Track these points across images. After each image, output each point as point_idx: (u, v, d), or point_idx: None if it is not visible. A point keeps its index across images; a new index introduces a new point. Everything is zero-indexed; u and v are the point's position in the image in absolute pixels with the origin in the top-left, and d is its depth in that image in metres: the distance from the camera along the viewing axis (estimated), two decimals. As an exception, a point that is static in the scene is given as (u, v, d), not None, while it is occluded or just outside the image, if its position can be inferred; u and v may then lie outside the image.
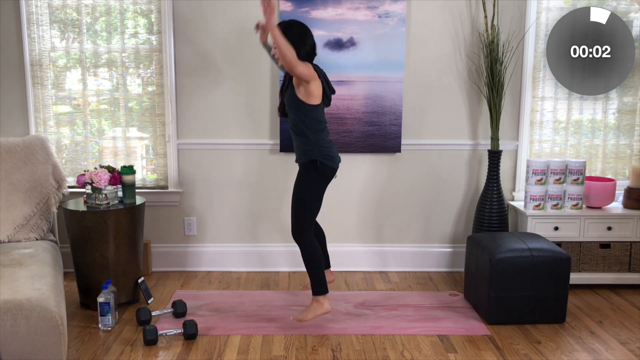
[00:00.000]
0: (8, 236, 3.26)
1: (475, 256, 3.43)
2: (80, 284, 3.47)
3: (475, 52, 3.91)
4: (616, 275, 3.75)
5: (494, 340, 3.04)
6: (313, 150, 3.09)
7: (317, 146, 3.09)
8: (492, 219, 3.81)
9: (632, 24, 3.91)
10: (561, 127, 4.06)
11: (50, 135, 3.95)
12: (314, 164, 3.09)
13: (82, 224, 3.33)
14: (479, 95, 3.96)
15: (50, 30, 3.88)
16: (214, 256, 4.10)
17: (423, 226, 4.12)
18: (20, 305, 2.34)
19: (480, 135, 4.01)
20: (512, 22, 3.85)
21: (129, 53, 3.91)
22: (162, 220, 4.06)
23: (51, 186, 3.45)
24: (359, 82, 3.88)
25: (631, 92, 4.02)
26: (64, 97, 3.96)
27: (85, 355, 2.86)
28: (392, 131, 3.93)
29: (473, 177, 4.07)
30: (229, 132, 3.97)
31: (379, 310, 3.42)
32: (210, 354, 2.87)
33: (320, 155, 3.09)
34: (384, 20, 3.82)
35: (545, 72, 3.96)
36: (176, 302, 3.30)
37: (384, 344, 2.99)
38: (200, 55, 3.88)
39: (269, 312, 3.37)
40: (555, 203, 3.76)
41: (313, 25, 3.79)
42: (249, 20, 3.85)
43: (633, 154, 4.07)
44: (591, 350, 2.95)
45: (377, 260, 4.12)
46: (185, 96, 3.93)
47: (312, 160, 3.09)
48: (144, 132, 4.01)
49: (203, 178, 4.02)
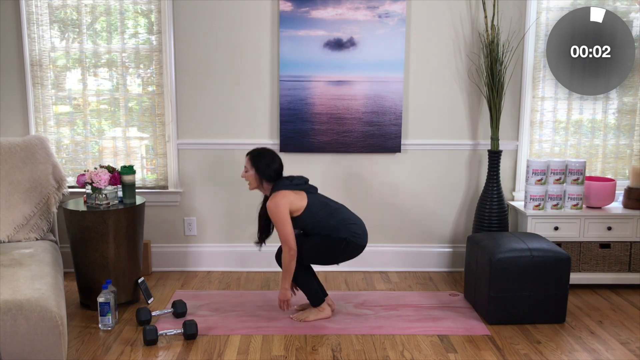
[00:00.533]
0: (8, 236, 3.27)
1: (475, 256, 3.43)
2: (80, 284, 3.47)
3: (475, 52, 3.91)
4: (616, 275, 3.75)
5: (494, 340, 3.04)
6: (341, 230, 3.16)
7: (341, 226, 3.17)
8: (492, 219, 3.81)
9: (632, 24, 3.90)
10: (561, 127, 4.06)
11: (50, 135, 3.95)
12: (342, 241, 3.15)
13: (82, 224, 3.33)
14: (479, 95, 3.96)
15: (50, 30, 3.88)
16: (214, 256, 4.10)
17: (423, 226, 4.12)
18: (20, 305, 2.34)
19: (480, 135, 4.01)
20: (512, 22, 3.85)
21: (129, 53, 3.91)
22: (162, 220, 4.06)
23: (51, 186, 3.45)
24: (359, 82, 3.88)
25: (631, 92, 4.02)
26: (64, 97, 3.96)
27: (85, 355, 2.86)
28: (392, 131, 3.93)
29: (473, 177, 4.07)
30: (229, 132, 3.97)
31: (379, 310, 3.42)
32: (210, 354, 2.87)
33: (348, 233, 3.15)
34: (384, 20, 3.82)
35: (545, 72, 3.96)
36: (176, 302, 3.31)
37: (384, 344, 2.99)
38: (200, 55, 3.88)
39: (269, 312, 3.37)
40: (555, 203, 3.76)
41: (313, 25, 3.80)
42: (248, 20, 3.86)
43: (633, 154, 4.07)
44: (591, 350, 2.95)
45: (377, 260, 4.12)
46: (185, 96, 3.93)
47: (341, 238, 3.15)
48: (144, 132, 4.01)
49: (203, 178, 4.02)
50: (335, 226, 3.16)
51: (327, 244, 3.17)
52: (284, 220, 3.09)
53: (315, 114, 3.89)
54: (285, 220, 3.09)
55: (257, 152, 3.28)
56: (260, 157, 3.24)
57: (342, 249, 3.16)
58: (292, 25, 3.80)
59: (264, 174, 3.20)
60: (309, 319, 3.24)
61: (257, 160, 3.23)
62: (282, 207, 3.09)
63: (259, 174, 3.21)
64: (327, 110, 3.90)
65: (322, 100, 3.89)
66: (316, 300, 3.28)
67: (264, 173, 3.20)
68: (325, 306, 3.29)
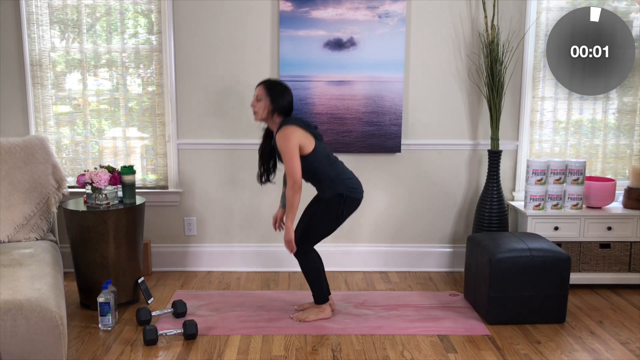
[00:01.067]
0: (8, 236, 3.26)
1: (475, 256, 3.43)
2: (80, 284, 3.47)
3: (475, 52, 3.91)
4: (616, 275, 3.75)
5: (494, 340, 3.04)
6: (338, 185, 3.13)
7: (338, 180, 3.14)
8: (492, 219, 3.81)
9: (632, 24, 3.90)
10: (561, 127, 4.06)
11: (50, 135, 3.95)
12: (340, 197, 3.12)
13: (82, 224, 3.33)
14: (479, 95, 3.96)
15: (50, 30, 3.88)
16: (214, 256, 4.10)
17: (423, 226, 4.12)
18: (20, 305, 2.34)
19: (480, 135, 4.01)
20: (512, 22, 3.85)
21: (129, 53, 3.91)
22: (162, 220, 4.06)
23: (51, 186, 3.45)
24: (359, 82, 3.88)
25: (631, 92, 4.02)
26: (64, 97, 3.96)
27: (85, 355, 2.86)
28: (392, 131, 3.93)
29: (473, 177, 4.07)
30: (229, 132, 3.97)
31: (379, 310, 3.42)
32: (210, 354, 2.87)
33: (345, 188, 3.13)
34: (384, 20, 3.82)
35: (545, 72, 3.96)
36: (176, 302, 3.31)
37: (384, 344, 2.99)
38: (200, 55, 3.88)
39: (269, 312, 3.37)
40: (555, 203, 3.76)
41: (313, 25, 3.80)
42: (248, 20, 3.86)
43: (633, 154, 4.07)
44: (591, 350, 2.95)
45: (377, 260, 4.12)
46: (185, 96, 3.93)
47: (339, 194, 3.12)
48: (144, 132, 4.01)
49: (203, 178, 4.02)
50: (333, 179, 3.12)
51: (326, 208, 3.15)
52: (292, 152, 3.01)
53: (315, 114, 3.89)
54: (294, 152, 3.02)
55: (272, 81, 3.18)
56: (275, 86, 3.15)
57: (342, 205, 3.12)
58: (292, 25, 3.80)
59: (277, 104, 3.10)
60: (309, 319, 3.24)
61: (272, 90, 3.12)
62: (293, 141, 3.02)
63: (273, 104, 3.10)
64: (327, 110, 3.90)
65: (322, 100, 3.89)
66: (321, 299, 3.27)
67: (277, 104, 3.10)
68: (326, 306, 3.29)
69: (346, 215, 3.19)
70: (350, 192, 3.14)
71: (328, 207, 3.16)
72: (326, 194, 3.16)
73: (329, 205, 3.16)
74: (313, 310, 3.28)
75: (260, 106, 3.14)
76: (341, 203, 3.13)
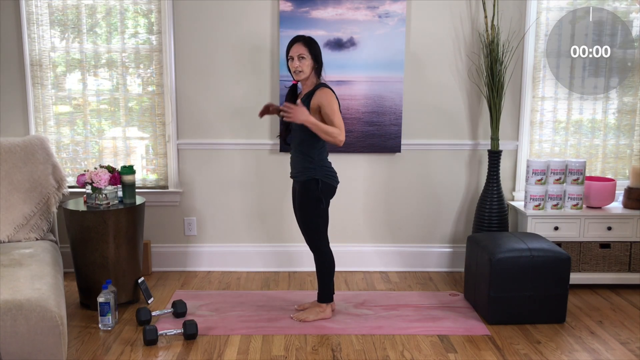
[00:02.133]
0: (8, 236, 3.27)
1: (475, 256, 3.43)
2: (80, 284, 3.47)
3: (475, 52, 3.91)
4: (616, 275, 3.76)
5: (494, 340, 3.04)
6: (315, 169, 3.12)
7: (319, 165, 3.13)
8: (492, 219, 3.81)
9: (632, 24, 3.91)
10: (561, 127, 4.06)
11: (50, 135, 3.95)
12: (315, 182, 3.11)
13: (82, 224, 3.33)
14: (479, 95, 3.96)
15: (50, 30, 3.88)
16: (214, 256, 4.10)
17: (423, 226, 4.12)
18: (20, 305, 2.34)
19: (480, 135, 4.01)
20: (512, 22, 3.85)
21: (129, 53, 3.91)
22: (162, 220, 4.06)
23: (51, 186, 3.45)
24: (359, 82, 3.88)
25: (631, 92, 4.02)
26: (63, 97, 3.96)
27: (85, 355, 2.86)
28: (392, 131, 3.93)
29: (473, 177, 4.07)
30: (229, 132, 3.97)
31: (379, 310, 3.42)
32: (210, 354, 2.87)
33: (322, 174, 3.12)
34: (384, 20, 3.82)
35: (545, 72, 3.96)
36: (176, 302, 3.31)
37: (384, 344, 2.99)
38: (200, 55, 3.88)
39: (269, 312, 3.37)
40: (555, 203, 3.76)
41: (313, 25, 3.80)
42: (248, 20, 3.85)
43: (633, 154, 4.07)
44: (591, 350, 2.95)
45: (377, 260, 4.12)
46: (185, 96, 3.93)
47: (314, 179, 3.11)
48: (144, 132, 4.01)
49: (203, 178, 4.02)
50: (317, 161, 3.11)
51: (305, 193, 3.13)
52: (336, 110, 3.02)
53: (315, 114, 3.89)
54: (337, 110, 3.03)
55: (309, 38, 3.11)
56: (315, 44, 3.10)
57: (319, 190, 3.09)
58: (292, 25, 3.80)
59: (321, 63, 3.08)
60: (309, 319, 3.24)
61: (315, 48, 3.07)
62: (336, 101, 3.05)
63: (317, 62, 3.07)
64: (327, 110, 3.89)
65: (322, 100, 3.88)
66: (326, 297, 3.27)
67: (321, 62, 3.08)
68: (327, 306, 3.29)
69: (325, 199, 3.15)
70: (325, 178, 3.12)
71: (307, 193, 3.13)
72: (301, 175, 3.15)
73: (307, 192, 3.13)
74: (313, 310, 3.29)
75: (306, 64, 3.07)
76: (317, 187, 3.11)
